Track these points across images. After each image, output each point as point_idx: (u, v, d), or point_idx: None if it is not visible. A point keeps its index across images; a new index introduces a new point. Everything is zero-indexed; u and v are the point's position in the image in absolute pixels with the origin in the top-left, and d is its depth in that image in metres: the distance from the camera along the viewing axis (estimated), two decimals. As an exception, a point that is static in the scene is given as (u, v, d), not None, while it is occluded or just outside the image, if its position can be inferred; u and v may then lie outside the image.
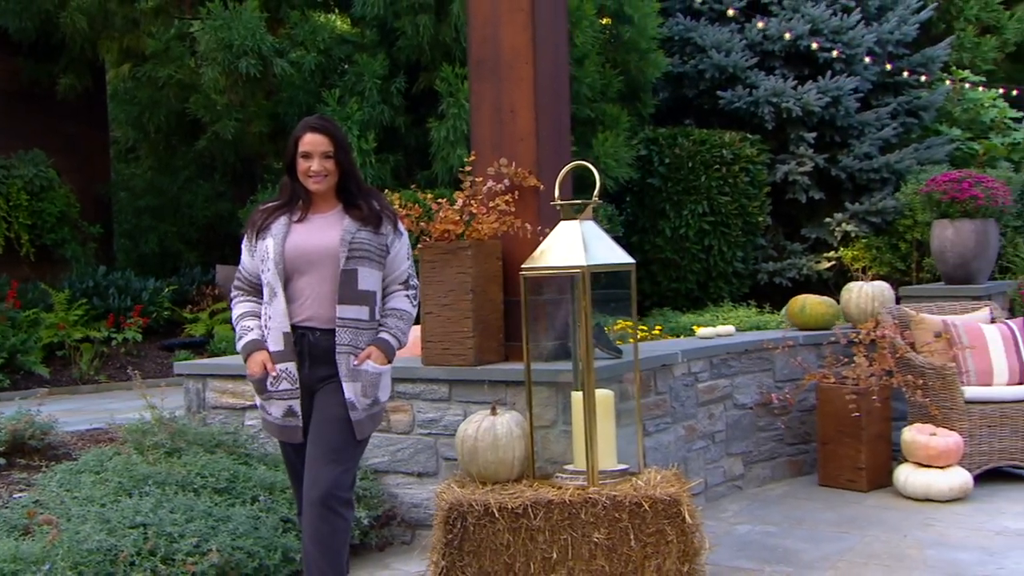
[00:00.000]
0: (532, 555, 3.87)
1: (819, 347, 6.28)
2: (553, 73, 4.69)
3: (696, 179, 9.80)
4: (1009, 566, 4.32)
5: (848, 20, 9.97)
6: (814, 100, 9.86)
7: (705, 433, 5.55)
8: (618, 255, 4.13)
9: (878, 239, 10.41)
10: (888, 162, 10.27)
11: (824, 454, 5.89)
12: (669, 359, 5.22)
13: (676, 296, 10.08)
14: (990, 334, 5.92)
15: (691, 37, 10.14)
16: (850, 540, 4.76)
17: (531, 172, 4.60)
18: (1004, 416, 5.72)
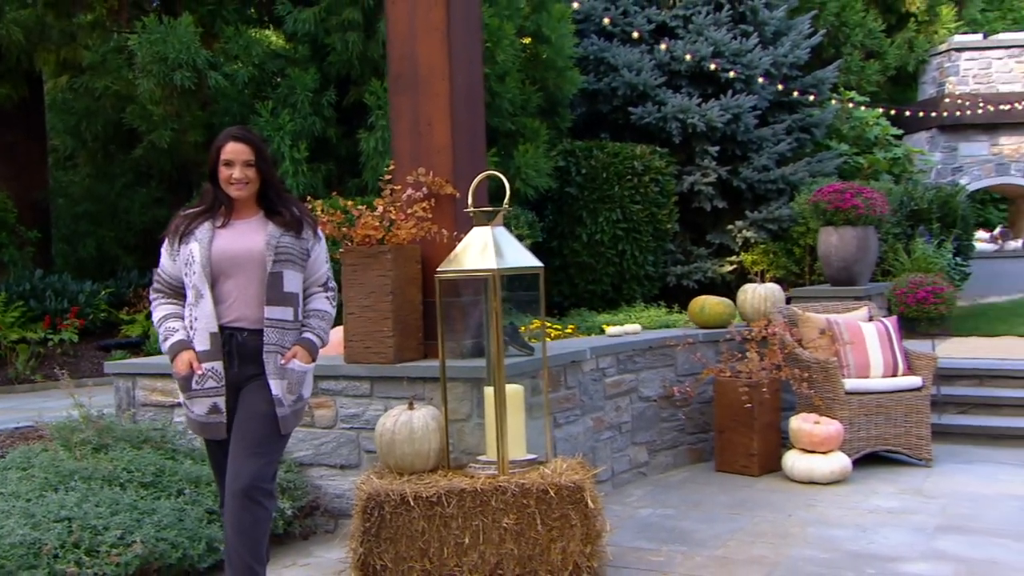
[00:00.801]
0: (446, 540, 3.87)
1: (717, 344, 6.39)
2: (468, 89, 4.70)
3: (610, 189, 9.89)
4: (878, 540, 4.45)
5: (747, 43, 10.18)
6: (717, 117, 10.05)
7: (612, 424, 5.61)
8: (527, 259, 4.15)
9: (775, 244, 10.65)
10: (783, 174, 10.52)
11: (720, 442, 6.00)
12: (578, 356, 5.26)
13: (593, 297, 10.16)
14: (868, 331, 6.09)
15: (605, 57, 10.24)
16: (741, 520, 4.85)
17: (447, 181, 4.60)
18: (879, 405, 5.89)
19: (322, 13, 7.67)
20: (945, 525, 4.67)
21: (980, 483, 5.47)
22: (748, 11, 10.44)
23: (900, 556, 4.22)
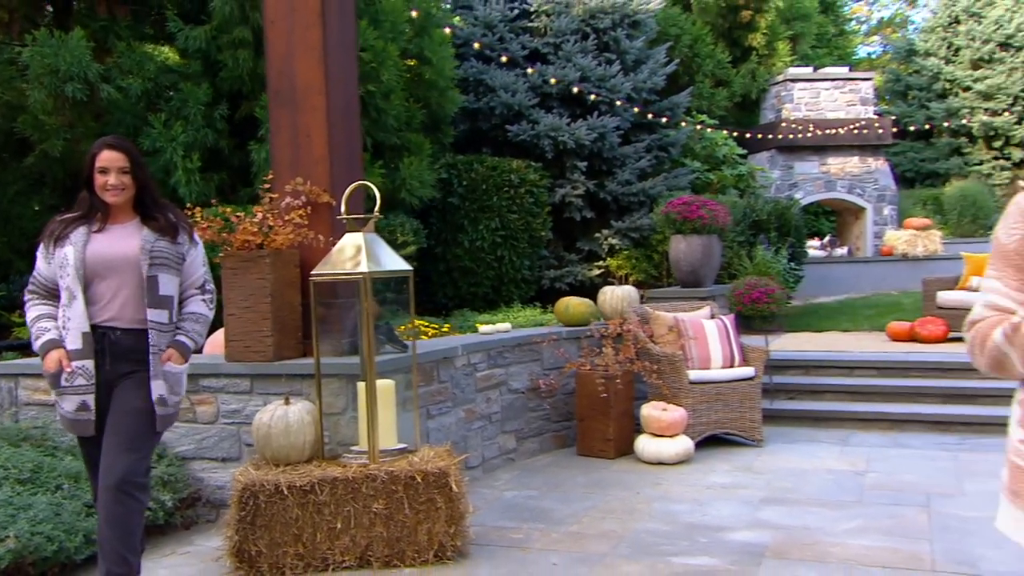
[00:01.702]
0: (319, 526, 3.80)
1: (579, 340, 6.48)
2: (345, 104, 4.63)
3: (490, 199, 9.91)
4: (712, 513, 4.59)
5: (611, 70, 10.35)
6: (585, 135, 10.18)
7: (483, 415, 5.62)
8: (397, 263, 4.12)
9: (636, 251, 10.88)
10: (644, 188, 10.74)
11: (581, 429, 6.08)
12: (450, 352, 5.25)
13: (475, 298, 10.16)
14: (709, 328, 6.28)
15: (483, 79, 10.26)
16: (595, 499, 4.93)
17: (325, 190, 4.52)
18: (719, 393, 6.08)
19: (213, 31, 7.42)
20: (769, 497, 4.85)
21: (802, 460, 5.70)
22: (611, 41, 10.63)
23: (729, 526, 4.36)
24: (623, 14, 10.61)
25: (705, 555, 3.95)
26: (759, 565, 3.79)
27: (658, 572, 3.75)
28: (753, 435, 6.15)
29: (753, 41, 14.83)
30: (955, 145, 17.98)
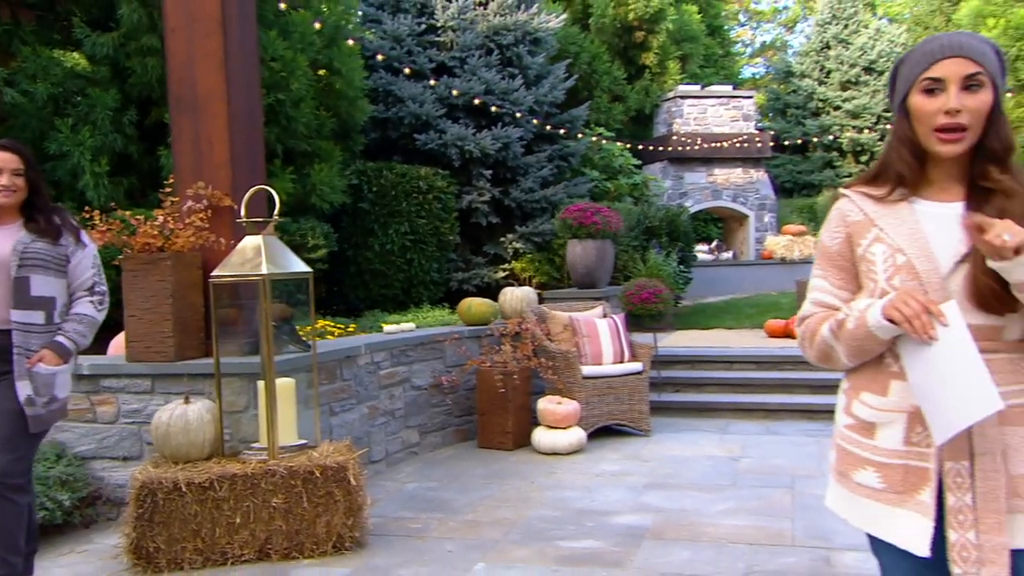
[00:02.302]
0: (218, 521, 3.69)
1: (480, 339, 6.47)
2: (247, 111, 4.50)
3: (399, 205, 9.83)
4: (599, 498, 4.66)
5: (513, 84, 10.40)
6: (490, 145, 10.21)
7: (386, 411, 5.56)
8: (296, 265, 4.04)
9: (539, 254, 10.96)
10: (546, 195, 10.83)
11: (482, 423, 6.08)
12: (353, 351, 5.18)
13: (385, 300, 10.06)
14: (601, 326, 6.37)
15: (392, 90, 10.18)
16: (492, 489, 4.93)
17: (227, 194, 4.39)
18: (610, 387, 6.17)
19: (121, 38, 7.12)
20: (653, 483, 4.95)
21: (684, 447, 5.84)
22: (514, 56, 10.68)
23: (615, 510, 4.42)
24: (525, 31, 10.69)
25: (590, 538, 3.99)
26: (638, 546, 3.86)
27: (546, 555, 3.78)
28: (641, 425, 6.27)
29: (646, 60, 15.14)
30: (827, 159, 18.75)
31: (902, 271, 1.67)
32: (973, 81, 1.62)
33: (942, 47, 1.64)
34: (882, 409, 1.72)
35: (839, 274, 1.79)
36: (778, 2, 31.84)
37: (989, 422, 1.62)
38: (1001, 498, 1.61)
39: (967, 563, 1.63)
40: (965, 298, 1.63)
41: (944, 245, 1.66)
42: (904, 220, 1.70)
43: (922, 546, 1.64)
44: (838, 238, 1.79)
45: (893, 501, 1.70)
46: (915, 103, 1.67)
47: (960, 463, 1.64)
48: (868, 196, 1.76)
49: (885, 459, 1.71)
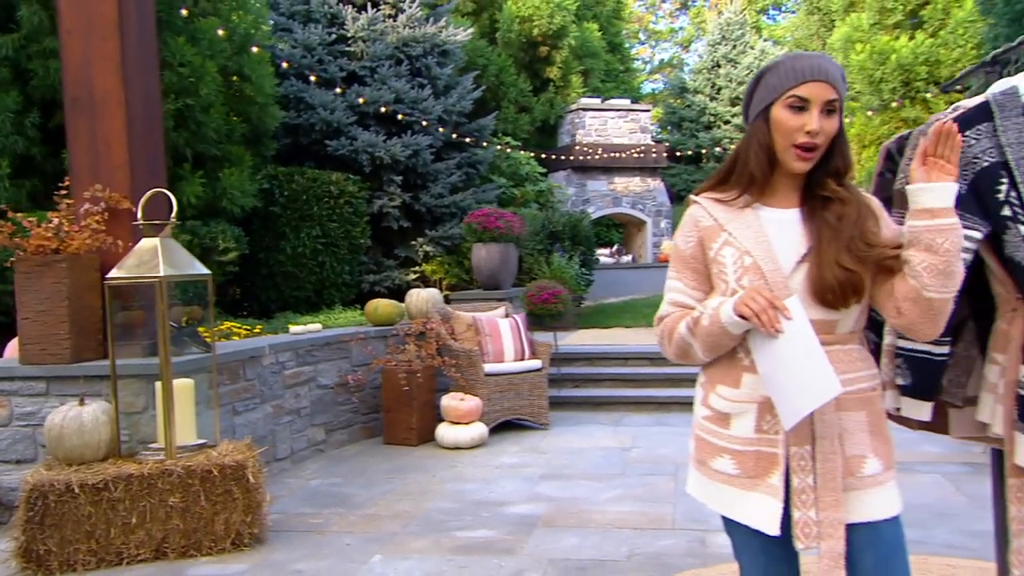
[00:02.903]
0: (113, 522, 3.54)
1: (386, 338, 6.41)
2: (145, 113, 4.34)
3: (310, 209, 9.66)
4: (497, 490, 4.67)
5: (423, 94, 10.35)
6: (400, 152, 10.13)
7: (292, 409, 5.44)
8: (194, 267, 3.91)
9: (449, 257, 10.93)
10: (455, 201, 10.82)
11: (387, 420, 6.02)
12: (257, 351, 5.05)
13: (297, 302, 9.85)
14: (503, 325, 6.39)
15: (303, 97, 9.99)
16: (395, 483, 4.89)
17: (125, 196, 4.22)
18: (511, 384, 6.20)
19: (21, 40, 6.76)
20: (548, 474, 5.00)
21: (580, 439, 5.92)
22: (423, 67, 10.64)
23: (510, 501, 4.45)
24: (434, 43, 10.65)
25: (486, 528, 4.00)
26: (530, 534, 3.89)
27: (442, 545, 3.76)
28: (541, 420, 6.32)
29: (551, 73, 15.30)
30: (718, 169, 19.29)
31: (749, 272, 1.72)
32: (831, 106, 1.69)
33: (811, 69, 1.68)
34: (735, 400, 1.77)
35: (693, 276, 1.83)
36: (674, 23, 32.73)
37: (828, 408, 1.69)
38: (838, 478, 1.69)
39: (808, 538, 1.70)
40: (806, 294, 1.70)
41: (786, 247, 1.73)
42: (750, 225, 1.76)
43: (772, 526, 1.70)
44: (691, 242, 1.83)
45: (746, 485, 1.75)
46: (779, 116, 1.71)
47: (803, 447, 1.70)
48: (718, 202, 1.81)
49: (739, 447, 1.76)
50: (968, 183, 1.99)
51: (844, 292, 1.67)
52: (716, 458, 1.81)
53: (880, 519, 1.71)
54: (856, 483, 1.71)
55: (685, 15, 32.40)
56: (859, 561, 1.71)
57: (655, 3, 32.31)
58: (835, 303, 1.68)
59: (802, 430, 1.70)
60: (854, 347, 1.76)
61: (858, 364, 1.75)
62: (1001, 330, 2.05)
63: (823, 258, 1.68)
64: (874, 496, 1.72)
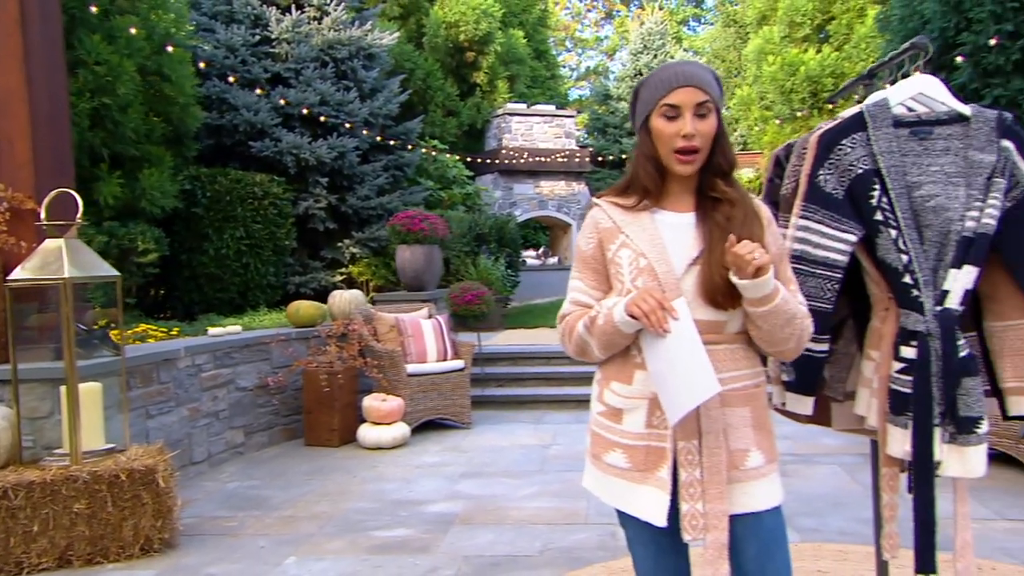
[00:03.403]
0: (12, 531, 3.38)
1: (308, 340, 6.31)
2: (51, 111, 4.15)
3: (234, 210, 9.41)
4: (416, 489, 4.65)
5: (348, 96, 10.21)
6: (325, 154, 9.97)
7: (209, 412, 5.29)
8: (102, 269, 3.76)
9: (376, 259, 10.81)
10: (382, 203, 10.70)
11: (308, 422, 5.92)
12: (172, 354, 4.89)
13: (222, 304, 9.59)
14: (426, 326, 6.36)
15: (226, 98, 9.73)
16: (314, 484, 4.81)
17: (29, 196, 4.03)
18: (433, 384, 6.17)
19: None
20: (468, 472, 4.99)
21: (501, 438, 5.94)
22: (349, 70, 10.50)
23: (429, 500, 4.42)
24: (359, 47, 10.52)
25: (403, 527, 3.97)
26: (447, 532, 3.88)
27: (358, 546, 3.72)
28: (463, 419, 6.31)
29: (477, 78, 15.30)
30: (641, 174, 19.58)
31: (644, 273, 1.75)
32: (703, 109, 1.73)
33: (677, 76, 1.73)
34: (628, 396, 1.79)
35: (593, 276, 1.86)
36: (600, 32, 33.17)
37: (713, 404, 1.73)
38: (723, 471, 1.72)
39: (695, 530, 1.73)
40: (696, 296, 1.74)
41: (679, 250, 1.76)
42: (646, 228, 1.79)
43: (660, 518, 1.73)
44: (591, 243, 1.86)
45: (637, 479, 1.77)
46: (656, 125, 1.75)
47: (691, 442, 1.73)
48: (617, 205, 1.84)
49: (630, 441, 1.78)
50: (844, 189, 2.07)
51: (732, 293, 1.71)
52: (609, 452, 1.83)
53: (762, 510, 1.75)
54: (740, 475, 1.75)
55: (610, 24, 32.87)
56: (742, 550, 1.76)
57: (580, 12, 32.69)
58: (723, 304, 1.72)
59: (689, 425, 1.73)
60: (740, 346, 1.80)
61: (743, 363, 1.80)
62: (875, 328, 2.14)
63: (713, 260, 1.72)
64: (757, 488, 1.76)
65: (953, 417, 1.97)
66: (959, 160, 2.02)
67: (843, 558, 3.43)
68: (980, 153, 1.99)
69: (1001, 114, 2.02)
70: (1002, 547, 3.45)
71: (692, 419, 1.73)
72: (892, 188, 2.02)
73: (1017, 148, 2.00)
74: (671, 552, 1.84)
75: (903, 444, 2.01)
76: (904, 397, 2.01)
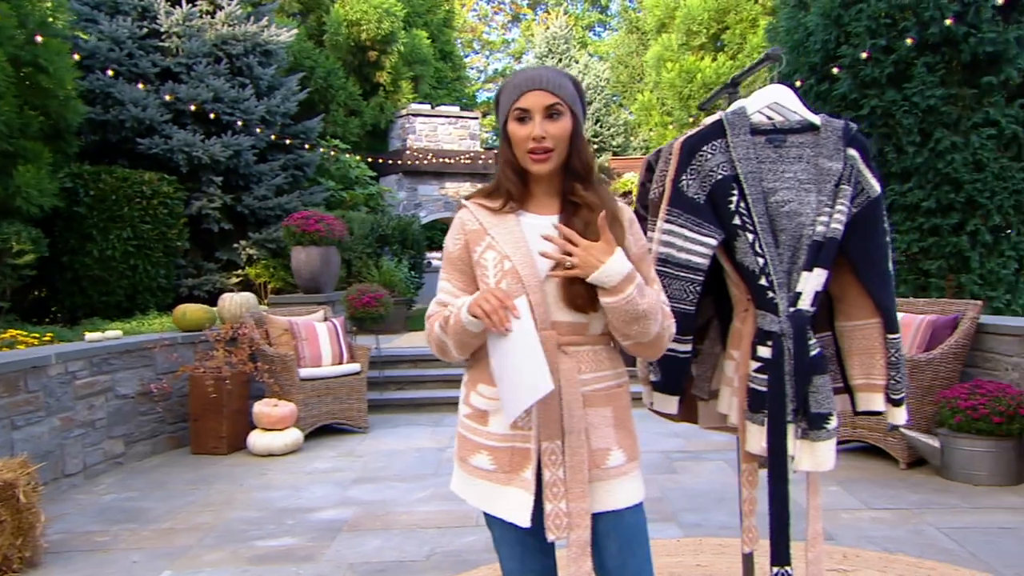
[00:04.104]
0: None
1: (195, 344, 6.07)
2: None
3: (120, 209, 8.99)
4: (306, 496, 4.54)
5: (244, 93, 9.91)
6: (219, 152, 9.64)
7: (84, 422, 5.01)
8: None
9: (274, 260, 10.53)
10: (280, 203, 10.43)
11: (195, 429, 5.70)
12: (41, 361, 4.61)
13: (107, 307, 9.14)
14: (320, 329, 6.23)
15: (112, 92, 9.27)
16: (197, 494, 4.63)
17: None
18: (328, 388, 6.05)
19: None
20: (361, 477, 4.91)
21: (398, 441, 5.87)
22: (244, 66, 10.19)
23: (318, 507, 4.33)
24: (255, 43, 10.23)
25: (288, 536, 3.87)
26: (333, 539, 3.80)
27: (239, 557, 3.59)
28: (359, 423, 6.21)
29: (381, 78, 15.11)
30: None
31: (508, 275, 1.75)
32: (553, 110, 1.74)
33: (526, 81, 1.75)
34: (493, 398, 1.79)
35: (460, 277, 1.85)
36: (507, 34, 33.37)
37: (576, 404, 1.74)
38: (585, 470, 1.73)
39: (559, 529, 1.74)
40: (558, 299, 1.74)
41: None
42: (511, 230, 1.79)
43: (524, 518, 1.74)
44: (458, 244, 1.84)
45: (502, 480, 1.78)
46: (511, 130, 1.76)
47: (554, 442, 1.74)
48: (484, 207, 1.83)
49: (496, 443, 1.78)
50: (705, 194, 2.13)
51: (592, 297, 1.72)
52: (475, 455, 1.83)
53: (623, 507, 1.77)
54: (602, 474, 1.76)
55: (517, 27, 33.13)
56: (604, 547, 1.78)
57: (488, 15, 32.82)
58: (584, 307, 1.74)
59: (552, 426, 1.74)
60: (603, 348, 1.82)
61: (606, 364, 1.82)
62: (736, 328, 2.22)
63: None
64: (618, 486, 1.77)
65: (805, 414, 2.06)
66: (810, 167, 2.11)
67: (722, 552, 3.54)
68: (829, 161, 2.09)
69: (847, 124, 2.13)
70: (867, 535, 3.64)
71: (555, 419, 1.74)
72: (749, 193, 2.10)
73: (862, 156, 2.11)
74: (537, 552, 1.85)
75: (760, 440, 2.09)
76: (760, 395, 2.08)
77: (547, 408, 1.72)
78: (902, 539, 3.58)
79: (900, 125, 6.46)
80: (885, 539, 3.59)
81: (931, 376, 4.68)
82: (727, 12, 13.93)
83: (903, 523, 3.79)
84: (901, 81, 6.51)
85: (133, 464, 5.42)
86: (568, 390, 1.73)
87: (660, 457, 5.17)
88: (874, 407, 2.16)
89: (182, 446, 5.87)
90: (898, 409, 2.15)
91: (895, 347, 2.12)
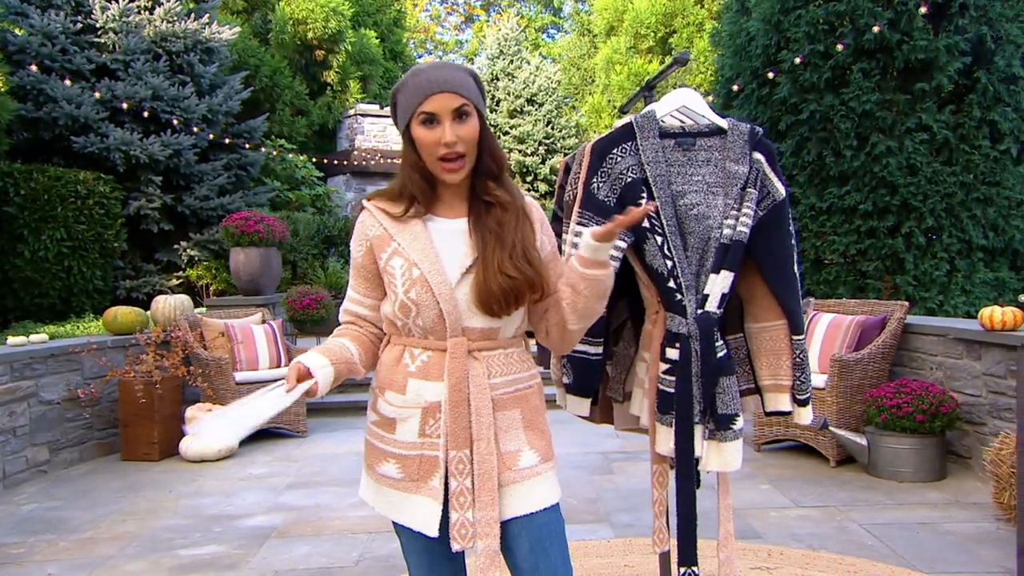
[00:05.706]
0: None
1: (127, 348, 5.92)
2: None
3: (53, 210, 8.75)
4: (236, 503, 4.45)
5: (184, 91, 9.72)
6: (159, 151, 9.44)
7: (5, 429, 4.85)
8: None
9: (216, 262, 10.34)
10: (223, 203, 10.25)
11: (125, 435, 5.55)
12: (-42, 367, 4.46)
13: (40, 310, 8.88)
14: (258, 332, 6.13)
15: (44, 88, 9.01)
16: (123, 503, 4.51)
17: None
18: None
19: None
20: (295, 482, 4.84)
21: (337, 445, 5.80)
22: (185, 64, 9.99)
23: (248, 513, 4.25)
24: (196, 40, 10.04)
25: (215, 543, 3.79)
26: (261, 546, 3.73)
27: (161, 566, 3.51)
28: (298, 427, 6.12)
29: (328, 78, 14.95)
30: (502, 178, 19.81)
31: (417, 284, 1.70)
32: (461, 111, 1.68)
33: (431, 82, 1.67)
34: (401, 406, 1.75)
35: (364, 284, 1.80)
36: (460, 35, 33.33)
37: (485, 411, 1.72)
38: (494, 478, 1.69)
39: (464, 539, 1.69)
40: (471, 304, 1.70)
41: (453, 258, 1.72)
42: (418, 236, 1.73)
43: (431, 527, 1.70)
44: (361, 250, 1.79)
45: (410, 489, 1.74)
46: (416, 134, 1.69)
47: (462, 451, 1.70)
48: (386, 213, 1.77)
49: (404, 451, 1.75)
50: (616, 196, 2.15)
51: (507, 300, 1.69)
52: (383, 463, 1.79)
53: (536, 510, 1.73)
54: (514, 476, 1.72)
55: (470, 28, 33.10)
56: (516, 548, 1.73)
57: (440, 15, 32.74)
58: (499, 312, 1.70)
59: (461, 434, 1.70)
60: (515, 350, 1.79)
61: (516, 366, 1.79)
62: (647, 330, 2.24)
63: (488, 267, 1.69)
64: (531, 487, 1.73)
65: (712, 415, 2.08)
66: (718, 171, 2.14)
67: (650, 552, 3.56)
68: (735, 164, 2.12)
69: (753, 128, 2.16)
70: (793, 533, 3.71)
71: (464, 427, 1.71)
72: (658, 196, 2.11)
73: (767, 160, 2.14)
74: (445, 561, 1.81)
75: (669, 441, 2.11)
76: (669, 396, 2.10)
77: (456, 416, 1.69)
78: (827, 536, 3.65)
79: (838, 129, 6.60)
80: (811, 536, 3.66)
81: (860, 375, 4.79)
82: (674, 16, 14.11)
83: (829, 520, 3.87)
84: (839, 86, 6.65)
85: (58, 472, 5.26)
86: (477, 396, 1.70)
87: (599, 458, 5.20)
88: (781, 407, 2.20)
89: (112, 453, 5.71)
90: (804, 409, 2.19)
91: (800, 348, 2.16)
